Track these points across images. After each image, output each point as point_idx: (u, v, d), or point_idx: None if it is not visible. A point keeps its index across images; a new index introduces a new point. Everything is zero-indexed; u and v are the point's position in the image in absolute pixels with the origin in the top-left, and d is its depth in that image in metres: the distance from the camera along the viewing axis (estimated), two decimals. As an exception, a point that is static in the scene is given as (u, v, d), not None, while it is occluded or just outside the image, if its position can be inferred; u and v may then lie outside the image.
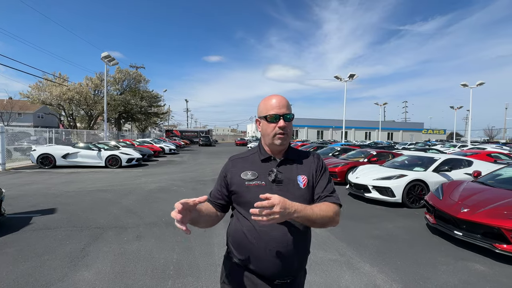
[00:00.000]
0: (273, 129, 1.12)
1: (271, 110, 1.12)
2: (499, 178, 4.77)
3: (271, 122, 1.12)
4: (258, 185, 1.10)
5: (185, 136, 44.12)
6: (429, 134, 55.15)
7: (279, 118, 1.11)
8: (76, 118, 28.64)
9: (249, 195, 1.10)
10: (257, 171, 1.14)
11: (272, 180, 1.10)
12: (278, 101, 1.12)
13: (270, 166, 1.14)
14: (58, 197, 6.20)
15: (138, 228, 4.26)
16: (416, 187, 6.01)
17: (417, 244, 3.89)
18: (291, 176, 1.13)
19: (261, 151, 1.19)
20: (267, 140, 1.16)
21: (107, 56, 18.08)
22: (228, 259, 1.22)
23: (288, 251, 1.08)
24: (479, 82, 24.43)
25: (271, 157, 1.17)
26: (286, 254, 1.08)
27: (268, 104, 1.13)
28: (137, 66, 37.97)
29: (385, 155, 9.71)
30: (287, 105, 1.14)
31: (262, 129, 1.18)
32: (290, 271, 1.11)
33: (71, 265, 3.02)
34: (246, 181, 1.12)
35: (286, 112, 1.12)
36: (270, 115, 1.12)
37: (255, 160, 1.18)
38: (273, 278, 1.10)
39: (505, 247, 3.25)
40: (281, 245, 1.07)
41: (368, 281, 2.82)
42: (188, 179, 9.20)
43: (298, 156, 1.20)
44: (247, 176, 1.13)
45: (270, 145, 1.17)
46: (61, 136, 19.56)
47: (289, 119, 1.13)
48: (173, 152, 21.93)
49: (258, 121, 1.20)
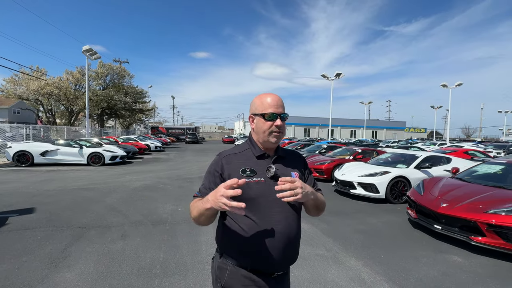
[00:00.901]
0: (269, 127, 1.14)
1: (269, 108, 1.13)
2: (475, 174, 5.03)
3: (268, 120, 1.13)
4: (258, 182, 1.11)
5: (171, 133, 43.31)
6: (411, 133, 57.12)
7: (276, 117, 1.13)
8: (56, 113, 27.40)
9: (250, 192, 1.08)
10: (254, 167, 1.14)
11: (271, 176, 1.12)
12: (275, 100, 1.15)
13: (266, 163, 1.16)
14: (36, 196, 5.93)
15: (123, 227, 4.15)
16: (399, 183, 6.22)
17: (399, 238, 4.04)
18: (285, 172, 1.17)
19: (255, 147, 1.19)
20: (262, 138, 1.17)
21: (88, 49, 17.36)
22: (223, 265, 1.15)
23: (291, 242, 1.14)
24: (457, 83, 25.51)
25: (265, 154, 1.18)
26: (289, 246, 1.13)
27: (266, 102, 1.14)
28: (121, 60, 36.78)
29: (369, 152, 9.97)
30: (283, 105, 1.17)
31: (257, 126, 1.17)
32: (291, 261, 1.18)
33: (51, 266, 2.90)
34: (245, 178, 1.09)
35: (283, 111, 1.16)
36: (268, 113, 1.13)
37: (249, 156, 1.17)
38: (274, 271, 1.13)
39: (480, 239, 3.43)
40: (284, 237, 1.11)
41: (354, 275, 2.90)
42: (175, 176, 9.06)
43: (286, 153, 1.25)
44: (246, 173, 1.12)
45: (264, 143, 1.17)
46: (39, 133, 18.67)
47: (285, 119, 1.17)
48: (159, 149, 21.49)
49: (252, 118, 1.19)
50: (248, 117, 1.24)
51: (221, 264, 1.16)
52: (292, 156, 1.28)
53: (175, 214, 4.89)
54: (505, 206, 3.46)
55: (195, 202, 1.11)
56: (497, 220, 3.32)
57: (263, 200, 1.09)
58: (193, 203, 1.12)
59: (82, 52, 17.36)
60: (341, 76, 24.55)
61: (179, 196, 6.25)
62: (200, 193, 1.18)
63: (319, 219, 4.69)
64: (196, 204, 1.08)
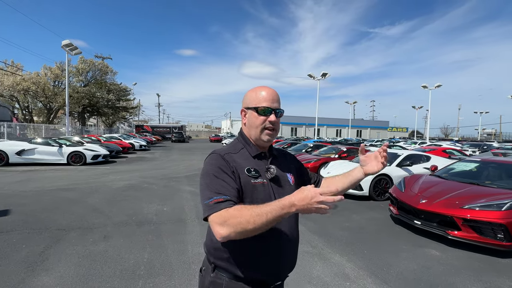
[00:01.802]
0: (262, 123, 1.04)
1: (263, 102, 1.04)
2: (452, 172, 5.27)
3: (262, 115, 1.04)
4: (262, 184, 1.01)
5: (157, 132, 42.41)
6: (394, 132, 59.05)
7: (271, 112, 1.04)
8: (33, 111, 26.15)
9: (257, 195, 0.98)
10: (255, 167, 1.03)
11: (271, 177, 1.03)
12: (271, 94, 1.05)
13: (264, 163, 1.07)
14: (11, 197, 5.63)
15: (105, 228, 4.03)
16: (381, 181, 6.42)
17: (382, 234, 4.17)
18: (282, 174, 1.10)
19: (250, 146, 1.08)
20: (254, 134, 1.07)
21: (68, 44, 16.67)
22: (217, 279, 1.01)
23: (293, 248, 1.09)
24: (437, 84, 26.61)
25: (262, 153, 1.09)
26: (291, 252, 1.08)
27: (260, 95, 1.05)
28: (103, 56, 35.57)
29: (354, 151, 10.22)
30: (278, 99, 1.08)
31: (250, 121, 1.07)
32: (292, 267, 1.13)
33: (28, 270, 2.77)
34: (252, 179, 1.00)
35: (278, 107, 1.07)
36: (262, 107, 1.03)
37: (247, 156, 1.06)
38: (277, 281, 1.07)
39: (456, 234, 3.61)
40: (287, 244, 1.05)
41: (338, 270, 2.97)
42: (160, 176, 8.89)
43: (278, 153, 1.19)
44: (251, 172, 1.00)
45: (256, 140, 1.08)
46: (15, 131, 17.75)
47: (280, 115, 1.08)
48: (143, 148, 20.98)
49: (244, 112, 1.09)
50: (240, 111, 1.12)
51: (215, 279, 1.02)
52: (283, 155, 1.22)
53: (160, 214, 4.81)
54: (479, 202, 3.66)
55: (245, 209, 0.84)
56: (472, 215, 3.51)
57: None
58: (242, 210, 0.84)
59: (62, 47, 16.66)
60: (327, 76, 24.96)
61: (165, 195, 6.14)
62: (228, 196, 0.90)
63: (306, 217, 4.76)
64: (258, 210, 0.82)
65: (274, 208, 0.82)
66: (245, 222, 0.82)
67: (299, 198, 0.80)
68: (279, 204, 0.82)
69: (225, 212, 0.86)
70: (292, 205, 0.81)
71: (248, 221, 0.81)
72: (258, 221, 0.81)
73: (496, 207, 3.48)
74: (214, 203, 0.89)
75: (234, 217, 0.83)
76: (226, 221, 0.83)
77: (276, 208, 0.82)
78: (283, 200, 0.83)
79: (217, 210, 0.87)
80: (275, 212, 0.82)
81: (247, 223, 0.81)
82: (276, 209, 0.82)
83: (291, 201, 0.81)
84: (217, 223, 0.85)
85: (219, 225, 0.84)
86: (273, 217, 0.82)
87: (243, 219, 0.82)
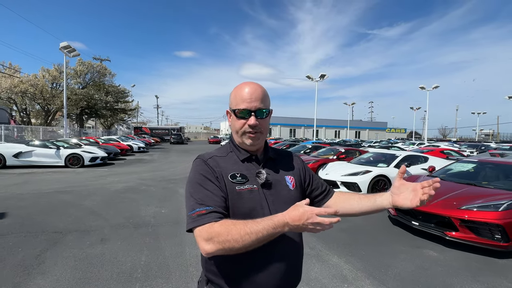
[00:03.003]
0: (241, 127, 0.94)
1: (241, 103, 0.92)
2: (450, 172, 5.29)
3: (240, 118, 0.93)
4: (251, 190, 0.91)
5: (155, 134, 42.40)
6: (392, 133, 59.25)
7: (249, 114, 0.91)
8: (31, 113, 26.08)
9: (243, 204, 0.89)
10: (244, 172, 0.94)
11: (262, 183, 0.93)
12: (250, 92, 0.92)
13: (254, 167, 0.97)
14: (8, 200, 5.59)
15: (102, 231, 4.01)
16: (379, 182, 6.43)
17: (380, 235, 4.17)
18: (278, 177, 0.99)
19: (239, 150, 0.98)
20: (237, 138, 0.98)
21: (66, 46, 16.64)
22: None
23: (293, 263, 0.97)
24: (434, 85, 26.77)
25: (252, 156, 0.98)
26: (291, 268, 0.95)
27: (239, 95, 0.93)
28: (101, 58, 35.65)
29: (352, 152, 10.24)
30: (262, 97, 0.93)
31: (232, 124, 0.99)
32: (294, 285, 0.99)
33: (24, 274, 2.75)
34: (236, 186, 0.90)
35: (260, 106, 0.92)
36: (239, 109, 0.92)
37: (235, 160, 0.97)
38: None
39: (454, 234, 3.62)
40: (285, 258, 0.93)
41: (336, 272, 2.96)
42: (159, 178, 8.86)
43: (277, 154, 1.07)
44: (236, 179, 0.91)
45: (241, 144, 0.98)
46: (13, 133, 17.66)
47: (263, 115, 0.94)
48: (142, 150, 20.95)
49: (229, 114, 1.00)
50: (226, 112, 1.03)
51: None
52: (284, 157, 1.09)
53: (158, 216, 4.79)
54: (476, 202, 3.67)
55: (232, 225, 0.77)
56: (469, 216, 3.51)
57: (258, 213, 0.88)
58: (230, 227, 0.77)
59: (60, 49, 16.64)
60: (325, 77, 25.05)
61: (163, 197, 6.11)
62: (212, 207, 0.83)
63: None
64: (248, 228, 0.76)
65: (265, 227, 0.76)
66: (232, 240, 0.75)
67: (294, 217, 0.75)
68: (271, 224, 0.76)
69: (210, 227, 0.79)
70: (285, 224, 0.76)
71: (236, 240, 0.75)
72: (247, 240, 0.75)
73: (493, 208, 3.49)
74: (196, 215, 0.82)
75: (220, 235, 0.76)
76: (212, 238, 0.77)
77: (268, 227, 0.76)
78: (275, 218, 0.77)
79: (200, 224, 0.80)
80: (266, 231, 0.76)
81: (235, 242, 0.75)
82: (267, 228, 0.76)
83: (284, 221, 0.76)
84: (203, 238, 0.78)
85: (205, 240, 0.78)
86: (263, 236, 0.76)
87: (230, 237, 0.75)
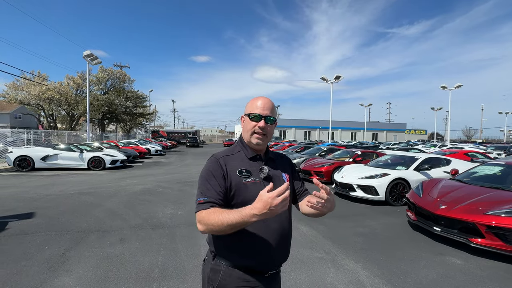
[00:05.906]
0: (252, 127, 1.19)
1: (255, 109, 1.19)
2: (475, 176, 5.02)
3: (253, 120, 1.19)
4: (254, 182, 1.14)
5: (172, 137, 43.40)
6: (412, 135, 57.09)
7: (261, 118, 1.17)
8: (57, 118, 27.55)
9: (247, 192, 1.11)
10: (249, 168, 1.17)
11: (264, 177, 1.17)
12: (263, 103, 1.19)
13: (258, 164, 1.20)
14: (36, 201, 5.94)
15: (122, 231, 4.16)
16: (398, 185, 6.21)
17: (399, 240, 4.02)
18: (277, 173, 1.24)
19: (246, 149, 1.23)
20: (246, 137, 1.22)
21: (89, 54, 17.51)
22: (216, 267, 1.14)
23: (285, 240, 1.19)
24: (457, 84, 25.54)
25: (257, 156, 1.23)
26: (283, 243, 1.18)
27: (254, 104, 1.20)
28: (121, 65, 37.12)
29: (369, 154, 9.97)
30: (271, 108, 1.21)
31: (244, 125, 1.24)
32: (285, 258, 1.22)
33: (50, 271, 2.91)
34: (243, 179, 1.14)
35: (269, 114, 1.19)
36: (253, 114, 1.19)
37: (243, 158, 1.21)
38: (269, 269, 1.16)
39: (480, 241, 3.42)
40: (279, 235, 1.15)
41: (352, 278, 2.89)
42: (175, 180, 9.07)
43: (275, 156, 1.32)
44: (242, 173, 1.15)
45: (249, 143, 1.22)
46: (41, 138, 18.75)
47: (271, 122, 1.20)
48: (159, 153, 21.52)
49: (243, 118, 1.26)
50: (240, 117, 1.31)
51: (215, 266, 1.15)
52: (281, 159, 1.35)
53: (174, 218, 4.90)
54: (504, 208, 3.46)
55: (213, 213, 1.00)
56: (497, 222, 3.32)
57: None
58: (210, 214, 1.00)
59: (83, 57, 17.51)
60: (341, 78, 24.60)
61: (179, 200, 6.25)
62: (208, 198, 1.07)
63: (318, 222, 4.68)
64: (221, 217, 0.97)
65: (234, 216, 0.95)
66: (210, 224, 0.99)
67: (259, 208, 0.91)
68: (239, 214, 0.95)
69: (201, 213, 1.04)
70: (252, 215, 0.92)
71: (213, 224, 0.98)
72: (220, 226, 0.97)
73: (523, 214, 3.28)
74: (198, 203, 1.08)
75: (204, 219, 1.01)
76: (201, 220, 1.03)
77: (236, 217, 0.95)
78: (244, 210, 0.95)
79: (197, 210, 1.06)
80: (235, 220, 0.95)
81: (212, 226, 0.99)
82: (236, 217, 0.95)
83: (251, 213, 0.92)
84: (197, 220, 1.05)
85: (198, 222, 1.05)
86: (233, 223, 0.95)
87: (210, 222, 0.99)
